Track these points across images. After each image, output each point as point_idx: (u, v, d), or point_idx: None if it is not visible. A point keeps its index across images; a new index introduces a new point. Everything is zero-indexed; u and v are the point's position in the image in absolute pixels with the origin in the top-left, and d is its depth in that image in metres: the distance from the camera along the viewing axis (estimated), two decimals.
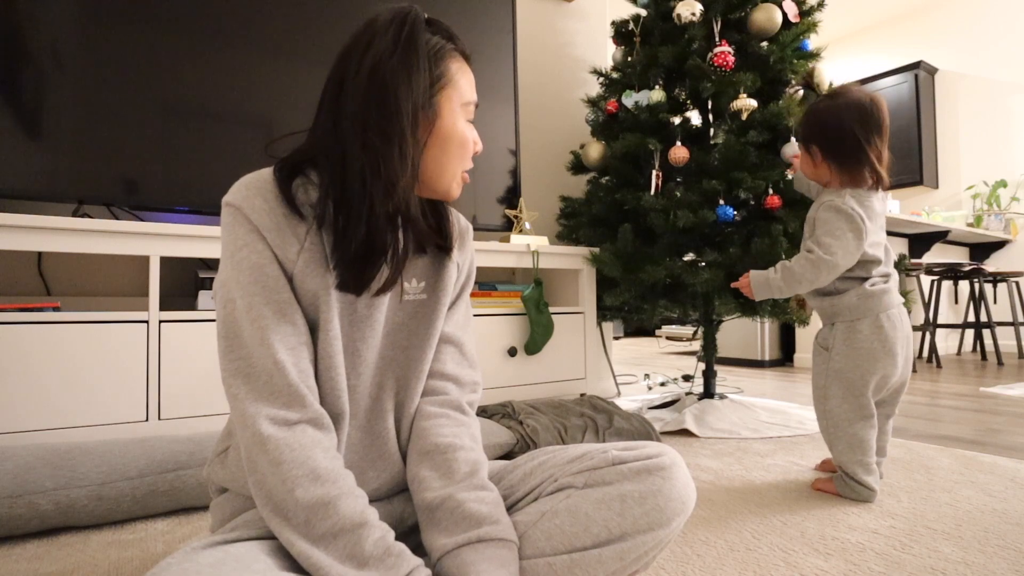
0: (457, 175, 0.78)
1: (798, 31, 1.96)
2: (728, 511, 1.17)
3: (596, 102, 2.32)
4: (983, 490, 1.28)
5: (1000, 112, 4.92)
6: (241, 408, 0.65)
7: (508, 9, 2.28)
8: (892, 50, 5.49)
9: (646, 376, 3.09)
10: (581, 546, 0.67)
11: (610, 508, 0.68)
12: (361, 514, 0.63)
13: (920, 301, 3.85)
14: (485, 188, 2.19)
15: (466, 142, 0.77)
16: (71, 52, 1.52)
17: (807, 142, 1.33)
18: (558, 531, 0.68)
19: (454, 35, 0.76)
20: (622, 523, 0.68)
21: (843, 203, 1.24)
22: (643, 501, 0.69)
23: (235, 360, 0.67)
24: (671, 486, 0.70)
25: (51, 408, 1.31)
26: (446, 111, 0.74)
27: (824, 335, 1.32)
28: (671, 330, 5.77)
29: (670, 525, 0.69)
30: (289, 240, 0.69)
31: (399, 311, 0.79)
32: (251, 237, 0.69)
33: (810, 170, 1.35)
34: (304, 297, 0.70)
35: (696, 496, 0.74)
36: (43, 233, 1.35)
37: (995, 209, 4.80)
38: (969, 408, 2.31)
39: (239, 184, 0.71)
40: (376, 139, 0.68)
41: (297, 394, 0.65)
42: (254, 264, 0.68)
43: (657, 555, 0.74)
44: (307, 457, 0.64)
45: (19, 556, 0.99)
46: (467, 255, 0.89)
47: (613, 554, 0.67)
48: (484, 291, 2.05)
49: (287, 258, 0.69)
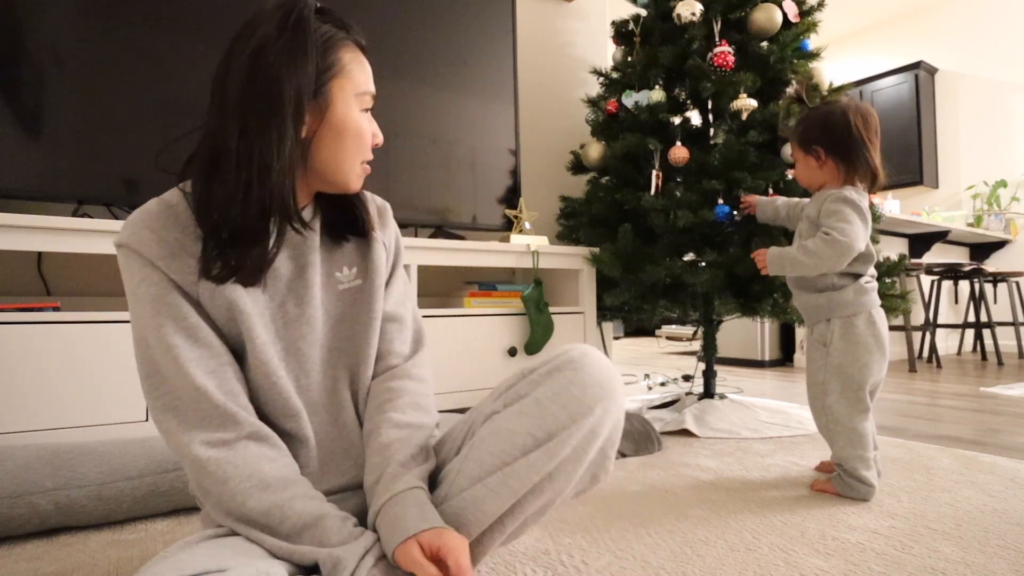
0: (355, 166, 0.76)
1: (798, 31, 1.96)
2: (728, 511, 1.17)
3: (596, 102, 2.32)
4: (983, 490, 1.28)
5: (1000, 112, 4.92)
6: (176, 440, 0.66)
7: (508, 9, 2.28)
8: (892, 50, 5.49)
9: (646, 376, 3.09)
10: (510, 458, 0.67)
11: (529, 415, 0.68)
12: (320, 508, 0.66)
13: (920, 301, 3.85)
14: (485, 188, 2.19)
15: (362, 133, 0.75)
16: (71, 52, 1.52)
17: (809, 144, 1.35)
18: (486, 454, 0.68)
19: (349, 25, 0.75)
20: (543, 424, 0.67)
21: (849, 194, 1.28)
22: (557, 397, 0.68)
23: (160, 396, 0.67)
24: (584, 375, 0.69)
25: (51, 408, 1.31)
26: (338, 100, 0.73)
27: (821, 331, 1.33)
28: (671, 330, 5.77)
29: (593, 412, 0.68)
30: (185, 262, 0.68)
31: (338, 302, 0.80)
32: (145, 271, 0.68)
33: (810, 173, 1.37)
34: (219, 314, 0.69)
35: (621, 382, 0.73)
36: (43, 233, 1.35)
37: (995, 209, 4.80)
38: (969, 408, 2.31)
39: (125, 222, 0.70)
40: (254, 122, 0.66)
41: (227, 414, 0.66)
42: (154, 296, 0.67)
43: (602, 464, 0.74)
44: (253, 470, 0.65)
45: (19, 556, 0.99)
46: (391, 232, 0.89)
47: (543, 455, 0.66)
48: (484, 291, 2.05)
49: (187, 281, 0.68)
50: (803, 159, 1.37)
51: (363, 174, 0.78)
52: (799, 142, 1.37)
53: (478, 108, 2.19)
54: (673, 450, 1.65)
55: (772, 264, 1.36)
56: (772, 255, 1.36)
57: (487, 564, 0.93)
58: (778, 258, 1.34)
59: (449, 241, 1.91)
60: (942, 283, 4.21)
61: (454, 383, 1.86)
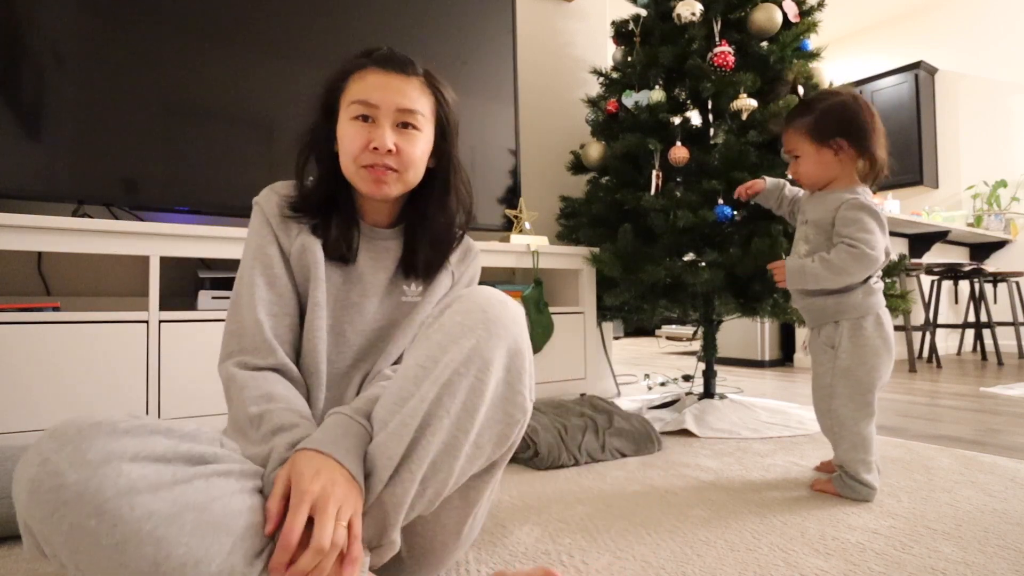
0: (353, 170, 0.84)
1: (798, 31, 1.96)
2: (728, 511, 1.17)
3: (596, 102, 2.32)
4: (983, 490, 1.28)
5: (1000, 112, 4.92)
6: (224, 356, 0.79)
7: (508, 9, 2.28)
8: (892, 50, 5.49)
9: (646, 376, 3.09)
10: (406, 395, 0.68)
11: (419, 350, 0.70)
12: (298, 416, 0.72)
13: (920, 301, 3.85)
14: (485, 188, 2.19)
15: (346, 137, 0.83)
16: (71, 52, 1.52)
17: (827, 136, 1.27)
18: (389, 399, 0.69)
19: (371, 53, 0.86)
20: (428, 352, 0.69)
21: (866, 200, 1.25)
22: (441, 327, 0.71)
23: (232, 321, 0.80)
24: (465, 304, 0.72)
25: (51, 408, 1.31)
26: (341, 113, 0.85)
27: (828, 333, 1.30)
28: (671, 330, 5.77)
29: (474, 332, 0.69)
30: (291, 226, 0.85)
31: (395, 310, 0.89)
32: (261, 226, 0.85)
33: (823, 169, 1.29)
34: (300, 272, 0.84)
35: (511, 313, 0.73)
36: (43, 233, 1.35)
37: (995, 209, 4.80)
38: (969, 408, 2.31)
39: (267, 188, 0.88)
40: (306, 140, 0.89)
41: (269, 347, 0.78)
42: (258, 245, 0.84)
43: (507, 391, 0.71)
44: (267, 386, 0.75)
45: (19, 556, 0.99)
46: (467, 268, 0.97)
47: (432, 387, 0.66)
48: None
49: (287, 240, 0.84)
50: (816, 153, 1.28)
51: (370, 178, 0.83)
52: (814, 134, 1.28)
53: (478, 108, 2.19)
54: (673, 450, 1.65)
55: (792, 279, 1.29)
56: (792, 269, 1.29)
57: (487, 565, 0.93)
58: (799, 273, 1.27)
59: None
60: (942, 283, 4.21)
61: None
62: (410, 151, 0.84)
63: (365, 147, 0.82)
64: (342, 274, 0.87)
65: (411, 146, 0.84)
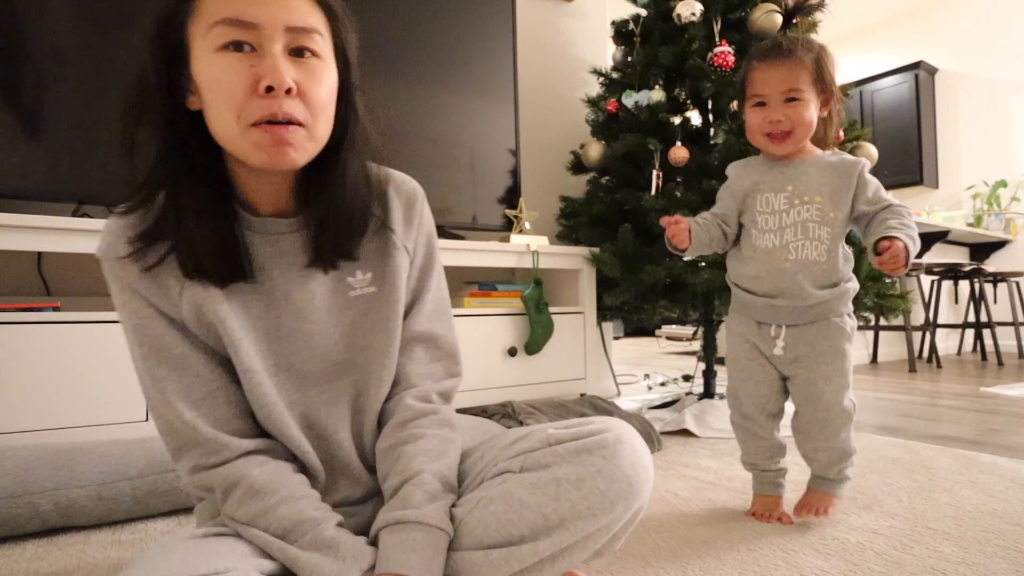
0: (236, 130, 0.57)
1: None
2: (728, 511, 1.17)
3: (596, 102, 2.32)
4: (983, 490, 1.28)
5: (1000, 112, 4.92)
6: (174, 456, 0.66)
7: (508, 9, 2.28)
8: (892, 50, 5.49)
9: (646, 376, 3.09)
10: (518, 534, 0.61)
11: (545, 493, 0.62)
12: (300, 513, 0.62)
13: (920, 301, 3.85)
14: (485, 188, 2.19)
15: (215, 81, 0.56)
16: (71, 52, 1.52)
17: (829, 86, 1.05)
18: (492, 519, 0.62)
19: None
20: (558, 509, 0.61)
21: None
22: (581, 484, 0.62)
23: (157, 419, 0.66)
24: (613, 466, 0.62)
25: (51, 408, 1.31)
26: (194, 48, 0.58)
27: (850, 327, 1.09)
28: (671, 330, 5.77)
29: (613, 510, 0.62)
30: (163, 280, 0.62)
31: (348, 310, 0.71)
32: (125, 296, 0.63)
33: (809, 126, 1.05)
34: (205, 334, 0.65)
35: (651, 478, 0.66)
36: (43, 233, 1.35)
37: (995, 209, 4.80)
38: (969, 408, 2.31)
39: (104, 227, 0.63)
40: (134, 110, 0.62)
41: (218, 443, 0.64)
42: (136, 326, 0.63)
43: (610, 544, 0.69)
44: (241, 477, 0.63)
45: (19, 556, 0.99)
46: (418, 233, 0.76)
47: (551, 544, 0.61)
48: (484, 291, 2.05)
49: (168, 303, 0.63)
50: (812, 101, 1.04)
51: (269, 141, 0.57)
52: (818, 75, 1.04)
53: (478, 108, 2.19)
54: (673, 450, 1.65)
55: (911, 253, 0.95)
56: (909, 242, 0.95)
57: None
58: (913, 243, 0.96)
59: (449, 241, 1.91)
60: (942, 283, 4.20)
61: None
62: (316, 91, 0.59)
63: (253, 89, 0.56)
64: (256, 299, 0.66)
65: (316, 83, 0.59)
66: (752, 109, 1.07)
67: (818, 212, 1.06)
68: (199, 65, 0.57)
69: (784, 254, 1.08)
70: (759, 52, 1.07)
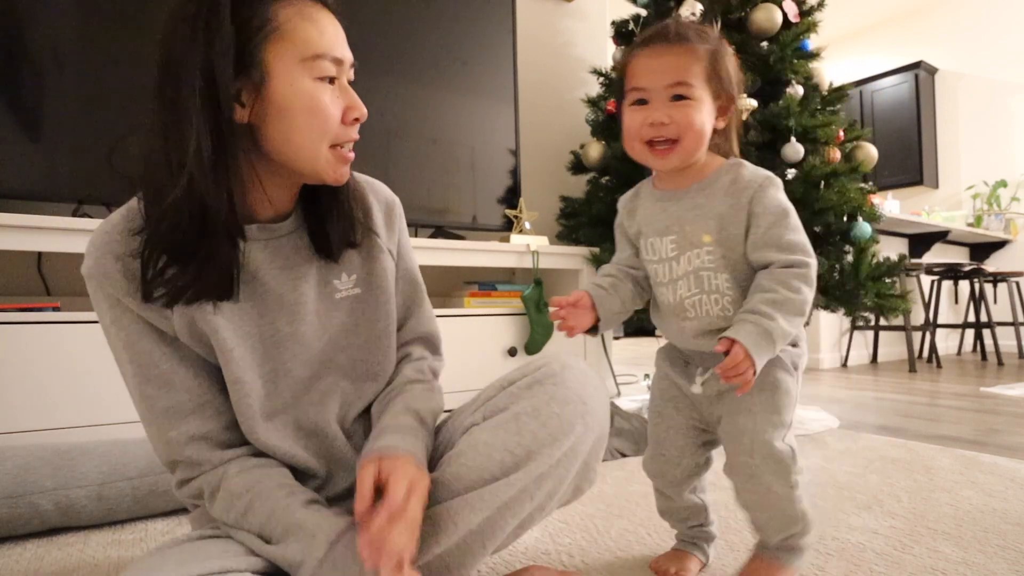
0: (318, 151, 0.62)
1: (798, 31, 1.96)
2: (728, 510, 1.17)
3: (596, 102, 2.32)
4: (983, 490, 1.28)
5: (1000, 112, 4.92)
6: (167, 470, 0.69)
7: (508, 9, 2.28)
8: (892, 50, 5.49)
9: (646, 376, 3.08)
10: (489, 475, 0.64)
11: (507, 431, 0.65)
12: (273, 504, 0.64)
13: (920, 301, 3.85)
14: (485, 188, 2.19)
15: (317, 108, 0.61)
16: (71, 52, 1.52)
17: (728, 90, 0.80)
18: (464, 469, 0.65)
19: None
20: (521, 441, 0.64)
21: (779, 183, 0.81)
22: (537, 414, 0.65)
23: (147, 434, 0.68)
24: (565, 390, 0.67)
25: (51, 408, 1.31)
26: (277, 70, 0.59)
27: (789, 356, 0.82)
28: None
29: (573, 430, 0.66)
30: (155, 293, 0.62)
31: (334, 312, 0.72)
32: (115, 312, 0.63)
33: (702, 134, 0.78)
34: (197, 344, 0.65)
35: (604, 397, 0.69)
36: (43, 233, 1.35)
37: (995, 209, 4.81)
38: (969, 408, 2.31)
39: (89, 243, 0.62)
40: (168, 116, 0.59)
41: (197, 462, 0.66)
42: (125, 342, 0.64)
43: (584, 476, 0.71)
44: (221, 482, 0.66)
45: (19, 556, 0.99)
46: (397, 236, 0.80)
47: (523, 476, 0.64)
48: (484, 291, 2.05)
49: (160, 318, 0.63)
50: (706, 103, 0.78)
51: (339, 161, 0.64)
52: (713, 71, 0.78)
53: (478, 108, 2.19)
54: None
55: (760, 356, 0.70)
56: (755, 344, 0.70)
57: (487, 565, 0.93)
58: (768, 342, 0.71)
59: (449, 241, 1.91)
60: (942, 283, 4.21)
61: (454, 383, 1.85)
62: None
63: (342, 118, 0.64)
64: (249, 306, 0.67)
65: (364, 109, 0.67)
66: (631, 108, 0.82)
67: (709, 257, 0.79)
68: (284, 87, 0.60)
69: (682, 312, 0.82)
70: (642, 37, 0.83)
